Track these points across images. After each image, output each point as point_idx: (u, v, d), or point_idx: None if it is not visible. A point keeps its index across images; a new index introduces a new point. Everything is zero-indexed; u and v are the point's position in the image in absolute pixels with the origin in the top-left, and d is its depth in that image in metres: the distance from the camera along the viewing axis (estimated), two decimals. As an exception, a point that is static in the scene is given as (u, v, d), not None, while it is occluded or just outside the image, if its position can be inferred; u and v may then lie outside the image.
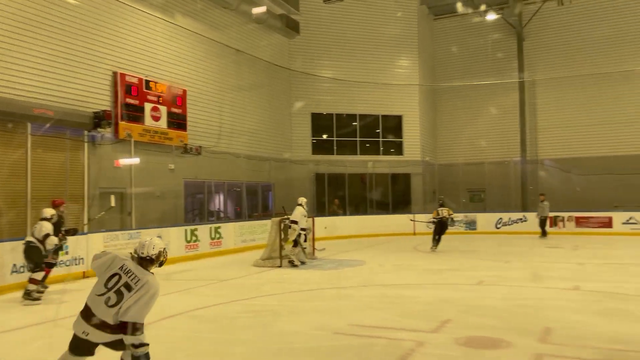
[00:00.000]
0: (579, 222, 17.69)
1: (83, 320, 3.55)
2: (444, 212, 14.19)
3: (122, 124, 12.73)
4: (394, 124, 22.46)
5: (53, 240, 7.82)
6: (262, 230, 14.98)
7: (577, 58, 21.24)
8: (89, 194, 11.88)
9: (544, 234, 17.28)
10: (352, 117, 22.01)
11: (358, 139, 22.08)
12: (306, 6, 20.45)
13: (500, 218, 19.76)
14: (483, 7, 22.04)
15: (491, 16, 22.19)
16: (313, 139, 21.42)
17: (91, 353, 3.62)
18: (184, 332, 5.83)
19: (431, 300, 7.30)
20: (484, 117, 23.09)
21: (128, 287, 3.56)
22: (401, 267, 11.07)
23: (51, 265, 8.26)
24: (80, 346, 3.57)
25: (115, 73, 12.81)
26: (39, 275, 7.76)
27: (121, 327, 3.49)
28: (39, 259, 7.79)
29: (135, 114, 13.19)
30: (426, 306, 6.93)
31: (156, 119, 13.84)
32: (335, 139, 21.85)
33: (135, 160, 12.84)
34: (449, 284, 8.71)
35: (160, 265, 3.76)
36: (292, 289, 8.48)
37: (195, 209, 16.52)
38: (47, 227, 7.87)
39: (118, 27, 13.06)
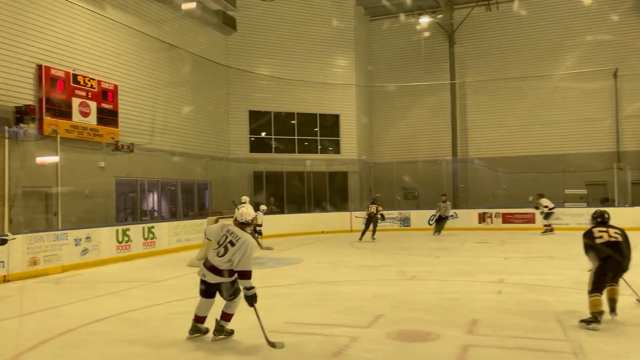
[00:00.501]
0: (505, 218, 18.61)
1: (203, 266, 5.20)
2: (372, 208, 16.27)
3: (47, 119, 12.12)
4: (332, 123, 22.72)
5: None
6: (198, 229, 14.71)
7: (503, 62, 22.32)
8: (10, 193, 11.22)
9: (437, 231, 17.73)
10: (290, 115, 22.06)
11: (296, 137, 22.15)
12: (243, 3, 20.27)
13: (433, 215, 20.41)
14: (417, 11, 22.74)
15: (424, 19, 22.91)
16: (251, 137, 21.27)
17: (212, 295, 5.27)
18: (114, 336, 5.65)
19: (366, 296, 7.46)
20: (417, 117, 23.80)
21: (232, 243, 5.08)
22: (338, 264, 11.23)
23: None
24: (204, 290, 5.26)
25: (39, 66, 12.17)
26: None
27: (231, 273, 5.11)
28: None
29: (61, 110, 12.58)
30: (361, 302, 7.07)
31: (85, 114, 13.27)
32: (273, 137, 21.82)
33: (54, 159, 12.19)
34: (383, 280, 8.94)
35: (243, 224, 5.26)
36: (228, 288, 8.39)
37: (128, 208, 16.00)
38: None
39: (43, 19, 12.42)
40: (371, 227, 16.26)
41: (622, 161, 20.30)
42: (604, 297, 5.62)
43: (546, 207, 17.20)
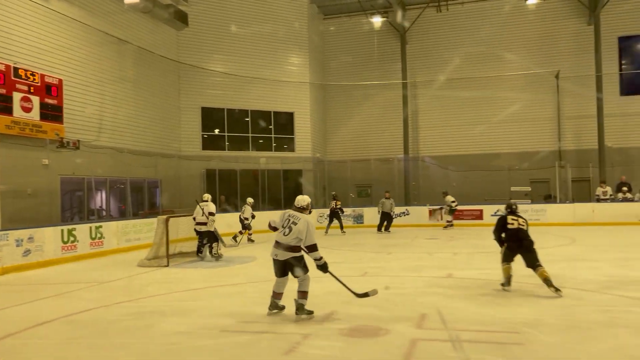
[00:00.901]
0: (455, 214, 19.09)
1: (274, 247, 6.11)
2: (333, 204, 18.15)
3: (-14, 114, 11.55)
4: (286, 121, 22.70)
5: None
6: (148, 228, 14.37)
7: (453, 62, 22.91)
8: (-55, 192, 10.64)
9: (380, 228, 17.95)
10: (244, 112, 21.89)
11: (250, 134, 22.01)
12: (195, -3, 19.97)
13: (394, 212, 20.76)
14: (369, 10, 23.00)
15: (377, 19, 23.21)
16: (203, 134, 20.98)
17: (285, 273, 6.16)
18: (58, 339, 5.46)
19: (318, 293, 7.49)
20: (371, 115, 24.11)
21: (294, 223, 6.06)
22: (291, 262, 11.22)
23: None
24: (277, 267, 6.16)
25: (-23, 58, 11.59)
26: None
27: (294, 249, 6.02)
28: None
29: (1, 104, 12.01)
30: (312, 299, 7.07)
31: (27, 110, 12.73)
32: (226, 134, 21.60)
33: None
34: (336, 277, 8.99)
35: (310, 212, 6.35)
36: (179, 288, 8.27)
37: (74, 207, 15.48)
38: None
39: (-20, 8, 11.82)
40: (336, 221, 18.03)
41: (563, 160, 21.26)
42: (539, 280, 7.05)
43: (454, 202, 18.42)
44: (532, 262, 7.14)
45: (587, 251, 11.70)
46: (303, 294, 6.09)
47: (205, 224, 11.65)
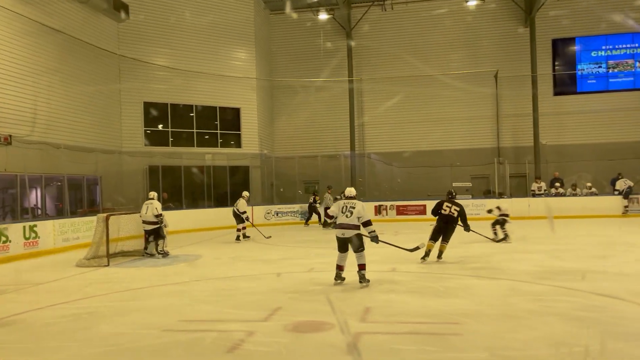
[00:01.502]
0: (399, 210, 19.51)
1: (338, 229, 7.59)
2: (311, 198, 19.12)
3: None
4: (232, 117, 22.42)
5: None
6: (87, 227, 13.87)
7: (397, 60, 23.36)
8: None
9: (325, 224, 18.08)
10: (188, 107, 21.45)
11: (195, 130, 21.61)
12: (137, -12, 19.37)
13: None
14: (316, 7, 23.06)
15: (323, 16, 23.31)
16: (146, 130, 20.42)
17: (346, 249, 7.60)
18: (-13, 345, 5.17)
19: (264, 290, 7.48)
20: (318, 112, 24.21)
21: (353, 207, 7.58)
22: (237, 259, 11.13)
23: None
24: (340, 244, 7.63)
25: None
26: None
27: (356, 227, 7.51)
28: None
29: None
30: (258, 296, 7.08)
31: (-48, 102, 11.96)
32: (170, 130, 21.11)
33: None
34: (281, 273, 9.00)
35: (350, 198, 7.86)
36: (120, 288, 8.02)
37: (6, 205, 14.71)
38: None
39: None
40: (315, 216, 18.93)
41: (501, 156, 22.14)
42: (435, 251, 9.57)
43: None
44: (445, 238, 9.64)
45: (522, 244, 12.24)
46: (362, 266, 7.58)
47: (151, 222, 11.39)
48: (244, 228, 14.97)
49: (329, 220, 16.74)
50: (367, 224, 7.56)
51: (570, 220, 18.16)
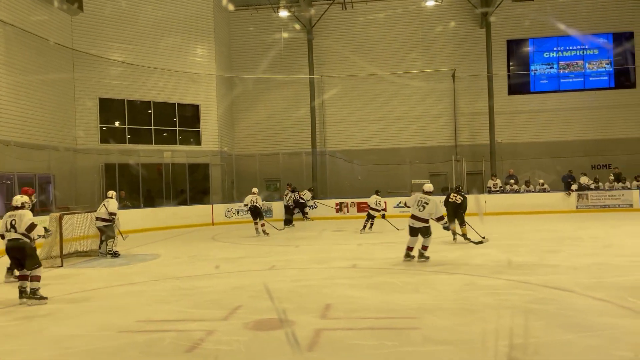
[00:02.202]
0: (360, 207, 19.68)
1: (411, 219, 8.96)
2: (296, 195, 18.94)
3: None
4: (191, 113, 22.09)
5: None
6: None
7: (358, 59, 23.50)
8: None
9: (288, 222, 17.94)
10: (146, 104, 21.00)
11: (153, 127, 21.18)
12: (91, -19, 18.80)
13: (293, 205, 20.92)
14: (276, 4, 22.96)
15: (283, 13, 23.22)
16: (102, 127, 19.87)
17: (416, 235, 8.98)
18: None
19: (223, 289, 7.42)
20: (279, 109, 24.13)
21: (426, 203, 8.87)
22: (197, 258, 10.99)
23: None
24: (411, 231, 9.00)
25: None
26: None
27: (425, 220, 8.88)
28: None
29: None
30: (219, 295, 7.02)
31: None
32: (127, 126, 20.62)
33: None
34: (242, 271, 8.95)
35: (428, 193, 9.17)
36: (74, 289, 7.79)
37: (-48, 205, 14.04)
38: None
39: None
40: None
41: (459, 154, 22.64)
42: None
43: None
44: (460, 222, 11.66)
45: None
46: (425, 248, 8.96)
47: (104, 219, 11.13)
48: (262, 225, 14.90)
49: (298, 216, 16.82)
50: (439, 219, 8.99)
51: (524, 216, 18.77)
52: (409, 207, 9.21)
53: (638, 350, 4.28)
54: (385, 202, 15.71)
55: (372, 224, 15.12)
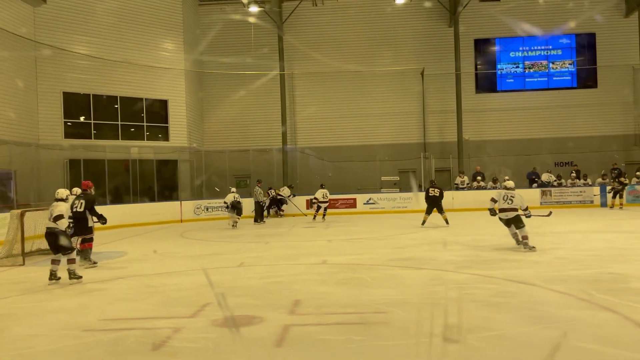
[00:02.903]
0: (330, 203, 19.68)
1: (500, 212, 9.80)
2: (272, 192, 19.76)
3: None
4: (159, 109, 21.75)
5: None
6: (1, 224, 12.94)
7: (328, 56, 23.54)
8: None
9: (259, 219, 17.89)
10: (112, 99, 20.57)
11: (119, 122, 20.77)
12: (55, -28, 18.28)
13: (264, 202, 20.82)
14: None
15: (254, 8, 23.05)
16: (66, 122, 19.39)
17: (510, 226, 9.87)
18: None
19: (191, 286, 7.34)
20: (249, 105, 23.98)
21: (513, 197, 9.73)
22: (164, 256, 10.84)
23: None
24: (505, 223, 9.87)
25: None
26: None
27: (515, 209, 9.69)
28: None
29: None
30: (186, 292, 6.94)
31: None
32: (92, 121, 20.16)
33: None
34: (211, 269, 8.86)
35: (511, 189, 10.00)
36: (36, 288, 7.58)
37: None
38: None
39: None
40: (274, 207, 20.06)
41: (428, 151, 22.93)
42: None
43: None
44: (440, 211, 14.36)
45: (446, 235, 12.76)
46: (525, 237, 9.63)
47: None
48: (238, 220, 16.18)
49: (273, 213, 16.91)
50: (526, 209, 9.81)
51: (490, 212, 19.13)
52: (496, 200, 9.94)
53: (597, 341, 4.42)
54: (326, 195, 18.00)
55: (324, 215, 17.84)
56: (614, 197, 18.72)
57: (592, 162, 21.97)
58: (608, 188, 19.19)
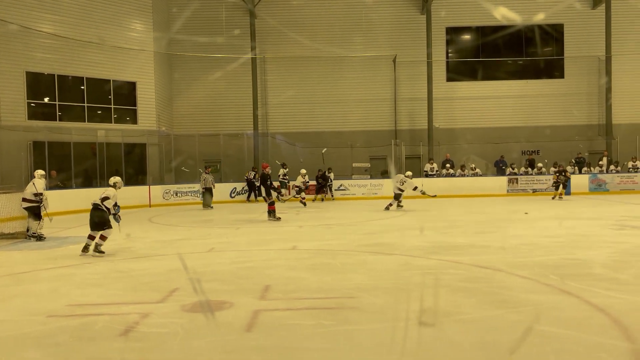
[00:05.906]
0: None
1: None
2: (250, 174, 20.11)
3: None
4: (127, 91, 21.26)
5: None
6: (-41, 208, 12.50)
7: (301, 40, 23.36)
8: None
9: (208, 205, 17.89)
10: (78, 80, 20.00)
11: (86, 104, 20.24)
12: (17, -55, 17.54)
13: (235, 187, 20.76)
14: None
15: (225, -10, 22.64)
16: (30, 103, 18.78)
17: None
18: None
19: (160, 272, 7.26)
20: (220, 89, 23.66)
21: (403, 182, 15.25)
22: (132, 240, 10.66)
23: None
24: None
25: None
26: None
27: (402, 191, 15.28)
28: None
29: None
30: (155, 277, 6.86)
31: None
32: (57, 103, 19.58)
33: None
34: (180, 254, 8.76)
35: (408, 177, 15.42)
36: (0, 273, 7.38)
37: None
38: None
39: None
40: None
41: (398, 138, 23.11)
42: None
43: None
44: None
45: (415, 221, 12.94)
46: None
47: (29, 200, 10.56)
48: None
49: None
50: (415, 189, 13.95)
51: (459, 199, 19.48)
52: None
53: (561, 324, 4.56)
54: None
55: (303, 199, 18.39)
56: (557, 188, 18.97)
57: (558, 151, 22.52)
58: (552, 180, 19.43)
